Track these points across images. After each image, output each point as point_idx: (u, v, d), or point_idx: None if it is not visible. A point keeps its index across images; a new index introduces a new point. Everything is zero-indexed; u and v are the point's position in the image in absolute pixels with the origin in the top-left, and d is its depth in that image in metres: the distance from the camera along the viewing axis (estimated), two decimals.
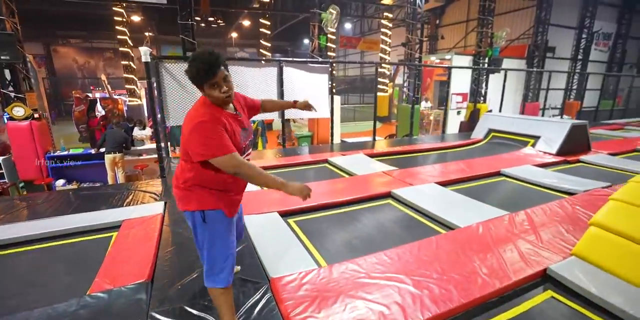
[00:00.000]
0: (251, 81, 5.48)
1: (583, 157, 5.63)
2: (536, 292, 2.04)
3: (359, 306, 1.73)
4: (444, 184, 4.08)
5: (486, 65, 9.62)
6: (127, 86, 11.64)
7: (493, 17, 9.12)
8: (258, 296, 1.85)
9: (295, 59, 5.73)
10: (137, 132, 7.04)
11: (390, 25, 13.72)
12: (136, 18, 13.01)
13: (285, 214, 3.08)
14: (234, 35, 18.64)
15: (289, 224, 2.90)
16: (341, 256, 2.38)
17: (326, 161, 5.14)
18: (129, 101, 11.45)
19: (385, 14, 13.36)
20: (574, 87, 13.48)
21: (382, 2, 12.03)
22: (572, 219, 2.94)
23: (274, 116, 5.85)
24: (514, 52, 12.26)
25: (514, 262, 2.24)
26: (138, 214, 2.99)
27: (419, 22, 8.20)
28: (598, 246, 2.23)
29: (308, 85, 6.05)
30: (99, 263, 2.23)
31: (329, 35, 10.94)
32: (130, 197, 3.59)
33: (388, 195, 3.65)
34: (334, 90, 6.41)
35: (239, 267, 2.10)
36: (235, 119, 1.54)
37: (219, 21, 12.56)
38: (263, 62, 5.76)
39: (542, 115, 11.71)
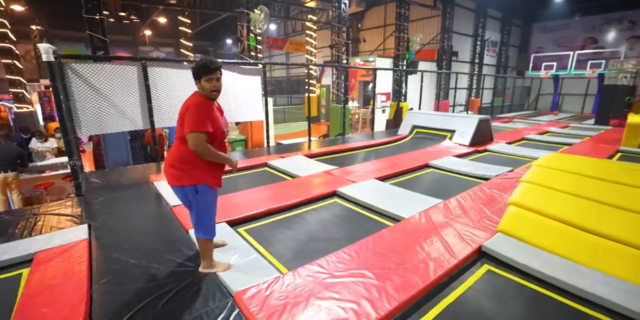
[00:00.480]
0: (177, 83, 5.08)
1: (489, 147, 6.55)
2: (476, 268, 2.30)
3: (330, 307, 1.74)
4: (382, 179, 4.35)
5: (405, 67, 10.49)
6: (11, 90, 9.74)
7: (408, 24, 10.00)
8: (224, 314, 1.72)
9: (225, 60, 5.48)
10: (35, 145, 5.96)
11: (315, 27, 14.07)
12: (18, 8, 10.98)
13: (233, 224, 2.93)
14: (148, 32, 17.04)
15: (239, 234, 2.78)
16: (301, 260, 2.36)
17: (265, 165, 5.04)
18: (17, 108, 9.61)
19: (309, 16, 13.64)
20: (474, 86, 15.58)
21: (305, 4, 12.25)
22: (492, 201, 3.40)
23: None
24: (426, 55, 13.64)
25: (455, 243, 2.50)
26: (55, 243, 2.51)
27: (344, 25, 8.57)
28: (517, 222, 2.62)
29: (240, 88, 5.85)
30: (9, 310, 1.82)
31: (256, 37, 10.76)
32: (40, 224, 3.01)
33: (334, 194, 3.74)
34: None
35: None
36: (219, 109, 2.05)
37: (132, 17, 11.32)
38: (186, 63, 5.38)
39: (453, 111, 13.27)
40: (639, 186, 2.44)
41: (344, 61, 9.03)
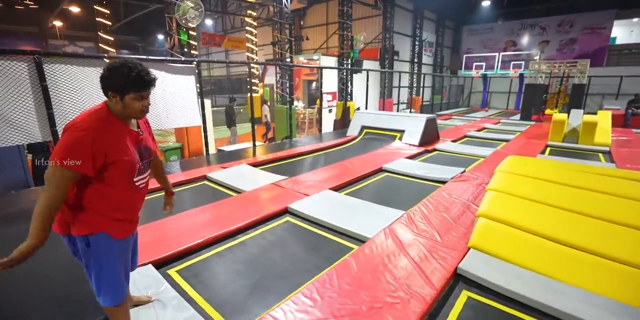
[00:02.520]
0: (87, 85, 4.17)
1: (437, 146, 6.61)
2: (455, 297, 2.03)
3: None
4: (337, 188, 4.00)
5: (350, 66, 10.34)
6: None
7: (351, 22, 9.84)
8: None
9: (150, 57, 4.67)
10: None
11: (255, 23, 13.31)
12: None
13: (162, 264, 2.33)
14: (59, 24, 14.71)
15: (169, 278, 2.19)
16: (250, 310, 1.87)
17: (205, 178, 4.39)
18: None
19: (249, 12, 12.84)
20: (414, 85, 16.17)
21: None
22: (453, 208, 3.22)
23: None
24: (369, 54, 13.72)
25: (428, 267, 2.21)
26: None
27: (287, 22, 8.07)
28: (489, 236, 2.42)
29: (171, 90, 5.07)
30: None
31: (189, 32, 9.74)
32: None
33: (285, 211, 3.28)
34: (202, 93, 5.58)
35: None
36: (132, 135, 1.42)
37: (28, 1, 9.45)
38: (105, 59, 4.47)
39: (397, 109, 13.58)
40: (606, 192, 2.41)
41: (288, 59, 8.55)
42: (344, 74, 10.39)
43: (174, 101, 5.13)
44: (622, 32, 17.56)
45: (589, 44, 16.85)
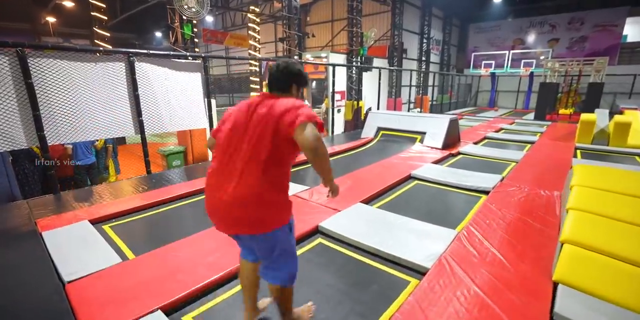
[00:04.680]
0: (82, 82, 3.66)
1: (461, 149, 6.12)
2: None
3: None
4: (368, 200, 3.51)
5: (359, 64, 9.85)
6: None
7: (361, 17, 9.34)
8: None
9: (153, 52, 4.17)
10: None
11: (258, 20, 12.79)
12: None
13: (173, 309, 1.83)
14: (52, 20, 14.13)
15: None
16: None
17: None
18: None
19: (252, 8, 12.32)
20: (421, 84, 15.70)
21: None
22: (511, 227, 2.75)
23: (127, 128, 4.08)
24: (377, 52, 13.24)
25: (514, 311, 1.73)
26: None
27: (296, 16, 7.57)
28: (579, 268, 1.93)
29: (174, 88, 4.57)
30: None
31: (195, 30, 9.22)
32: None
33: (315, 231, 2.78)
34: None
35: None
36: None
37: None
38: (99, 54, 3.97)
39: (408, 110, 13.11)
40: None
41: (296, 56, 8.05)
42: (353, 72, 9.89)
43: (179, 101, 4.62)
44: (633, 29, 17.16)
45: (600, 42, 16.43)
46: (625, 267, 1.84)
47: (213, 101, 6.22)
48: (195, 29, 9.90)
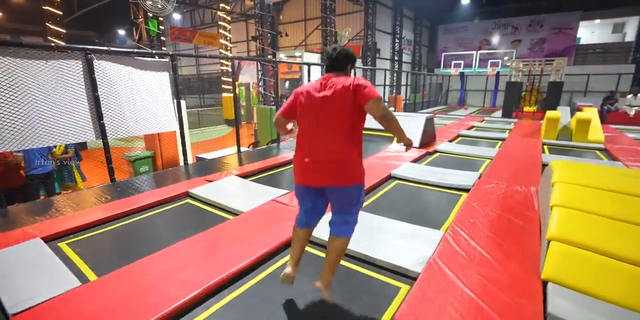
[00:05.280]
0: (32, 83, 3.29)
1: (437, 147, 6.20)
2: None
3: None
4: None
5: None
6: None
7: (335, 17, 9.27)
8: None
9: (114, 49, 3.83)
10: None
11: (229, 18, 12.39)
12: None
13: None
14: None
15: None
16: None
17: (187, 195, 3.64)
18: None
19: (222, 5, 11.90)
20: (394, 83, 15.93)
21: None
22: (495, 225, 2.74)
23: (87, 134, 3.72)
24: None
25: (509, 313, 1.68)
26: None
27: (268, 14, 7.35)
28: (568, 265, 1.92)
29: (140, 89, 4.25)
30: None
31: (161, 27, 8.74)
32: None
33: None
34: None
35: None
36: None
37: None
38: (55, 51, 3.57)
39: None
40: None
41: (270, 55, 7.84)
42: None
43: (145, 103, 4.31)
44: (586, 32, 18.35)
45: (557, 43, 17.42)
46: (613, 263, 1.85)
47: (183, 102, 5.90)
48: (162, 27, 9.43)
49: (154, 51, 4.16)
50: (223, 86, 13.99)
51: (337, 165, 1.69)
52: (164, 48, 9.42)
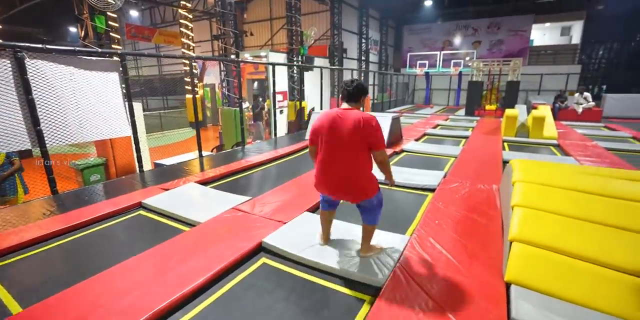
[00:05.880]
0: None
1: (404, 147, 6.24)
2: None
3: None
4: (315, 208, 3.28)
5: (301, 63, 9.65)
6: None
7: (300, 16, 9.13)
8: None
9: (51, 47, 3.45)
10: None
11: (191, 16, 11.86)
12: None
13: None
14: None
15: None
16: None
17: (139, 206, 3.35)
18: None
19: (183, 3, 11.36)
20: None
21: None
22: (460, 226, 2.73)
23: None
24: (318, 51, 13.15)
25: (472, 317, 1.63)
26: None
27: (231, 12, 7.07)
28: (530, 267, 1.92)
29: (85, 91, 3.88)
30: None
31: (109, 22, 8.15)
32: None
33: (258, 249, 2.48)
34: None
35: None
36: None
37: None
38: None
39: None
40: None
41: (233, 55, 7.56)
42: (294, 72, 9.66)
43: (91, 106, 3.95)
44: (538, 35, 19.50)
45: (513, 45, 18.36)
46: (574, 263, 1.85)
47: (138, 105, 5.52)
48: (116, 24, 8.83)
49: (99, 50, 3.80)
50: (187, 87, 13.42)
51: (351, 184, 2.09)
52: (119, 47, 8.84)
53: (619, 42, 19.46)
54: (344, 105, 2.11)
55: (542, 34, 19.84)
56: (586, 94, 11.13)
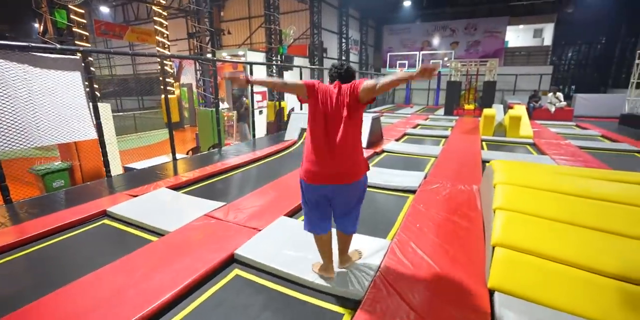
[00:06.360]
0: None
1: (384, 147, 6.19)
2: None
3: None
4: (292, 213, 3.16)
5: (279, 62, 9.47)
6: None
7: (279, 15, 8.95)
8: None
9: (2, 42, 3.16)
10: None
11: (165, 14, 11.44)
12: None
13: None
14: None
15: None
16: None
17: (104, 214, 3.12)
18: None
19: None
20: None
21: None
22: (442, 230, 2.67)
23: None
24: (297, 51, 13.00)
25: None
26: None
27: (206, 9, 6.81)
28: (513, 272, 1.86)
29: (42, 91, 3.59)
30: None
31: (75, 18, 7.72)
32: None
33: (230, 260, 2.32)
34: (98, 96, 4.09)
35: None
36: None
37: None
38: None
39: None
40: (635, 204, 2.04)
41: (209, 54, 7.30)
42: (274, 71, 9.48)
43: (50, 107, 3.65)
44: (511, 36, 20.08)
45: (489, 46, 18.82)
46: (559, 268, 1.80)
47: (107, 105, 5.22)
48: (84, 20, 8.37)
49: (58, 46, 3.51)
50: (168, 88, 12.94)
51: (347, 163, 1.83)
52: (88, 44, 8.39)
53: (586, 45, 20.36)
54: (330, 87, 1.88)
55: (516, 36, 20.45)
56: (558, 94, 11.51)
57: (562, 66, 20.88)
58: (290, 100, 10.82)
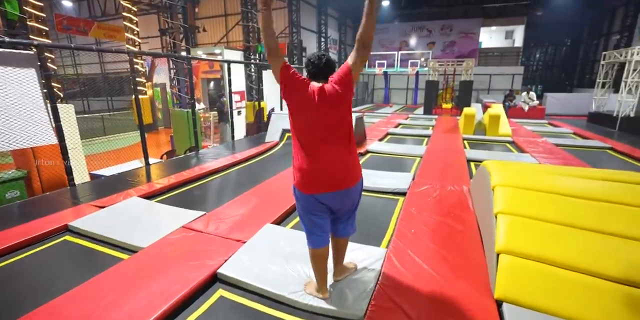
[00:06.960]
0: None
1: (368, 147, 6.07)
2: None
3: None
4: (279, 220, 2.95)
5: (258, 61, 9.18)
6: None
7: (257, 12, 8.65)
8: None
9: None
10: None
11: (135, 9, 10.81)
12: None
13: None
14: None
15: None
16: None
17: (66, 229, 2.78)
18: None
19: None
20: None
21: None
22: (438, 235, 2.54)
23: None
24: None
25: None
26: None
27: (179, 4, 6.43)
28: (520, 281, 1.75)
29: None
30: None
31: (33, 11, 7.10)
32: None
33: (213, 280, 2.08)
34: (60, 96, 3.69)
35: None
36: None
37: None
38: None
39: None
40: (633, 204, 1.98)
41: (183, 51, 6.92)
42: (252, 70, 9.17)
43: (3, 110, 3.24)
44: (484, 37, 20.68)
45: (464, 46, 19.28)
46: (566, 274, 1.71)
47: (70, 106, 4.78)
48: (42, 14, 7.73)
49: (7, 39, 3.11)
50: (140, 88, 12.27)
51: (345, 168, 1.68)
52: (47, 40, 7.75)
53: (553, 46, 21.31)
54: (313, 84, 1.62)
55: (489, 37, 21.08)
56: (531, 93, 11.90)
57: (531, 66, 21.74)
58: (270, 100, 10.53)
